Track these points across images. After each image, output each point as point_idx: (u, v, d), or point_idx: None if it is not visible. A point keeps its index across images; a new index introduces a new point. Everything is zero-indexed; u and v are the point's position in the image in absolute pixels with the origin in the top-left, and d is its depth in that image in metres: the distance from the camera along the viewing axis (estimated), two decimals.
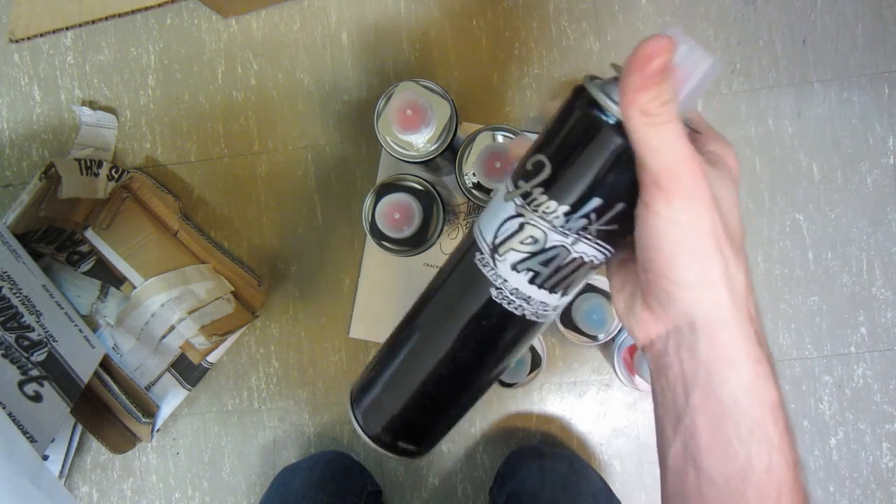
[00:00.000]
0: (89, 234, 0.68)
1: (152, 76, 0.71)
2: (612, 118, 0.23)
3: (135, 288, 0.65)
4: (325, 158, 0.70)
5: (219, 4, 0.67)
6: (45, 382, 0.55)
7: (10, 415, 0.49)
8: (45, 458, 0.67)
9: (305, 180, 0.70)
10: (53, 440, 0.67)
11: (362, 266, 0.69)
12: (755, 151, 0.66)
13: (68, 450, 0.69)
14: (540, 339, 0.63)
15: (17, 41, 0.59)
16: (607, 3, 0.67)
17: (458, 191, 0.55)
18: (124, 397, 0.64)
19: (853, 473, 0.66)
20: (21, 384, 0.53)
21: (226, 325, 0.65)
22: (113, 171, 0.67)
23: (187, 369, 0.69)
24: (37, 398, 0.54)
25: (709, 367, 0.24)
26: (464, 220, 0.67)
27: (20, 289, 0.57)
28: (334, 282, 0.70)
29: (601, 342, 0.61)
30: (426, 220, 0.55)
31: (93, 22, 0.58)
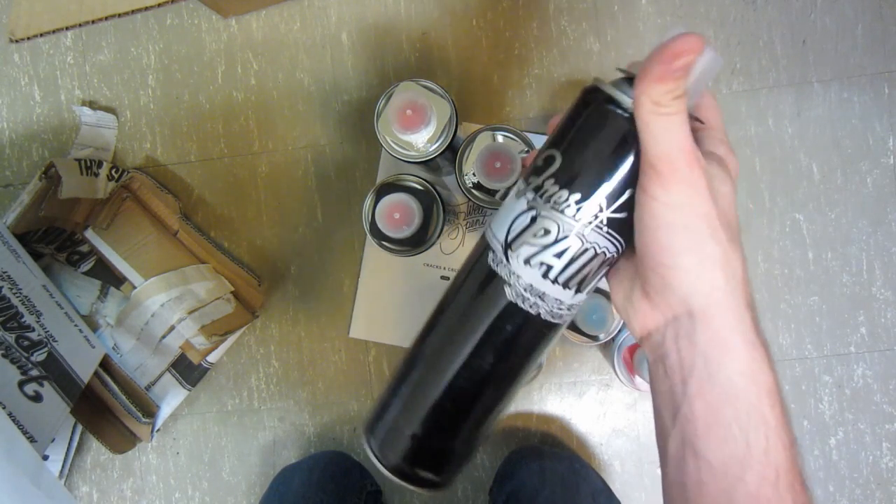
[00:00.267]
0: (89, 234, 0.68)
1: (152, 76, 0.71)
2: (623, 111, 0.24)
3: (135, 288, 0.65)
4: (325, 158, 0.70)
5: (219, 4, 0.67)
6: (45, 382, 0.55)
7: (10, 415, 0.49)
8: (45, 458, 0.67)
9: (305, 180, 0.70)
10: (53, 440, 0.67)
11: (362, 266, 0.69)
12: (755, 151, 0.66)
13: (68, 450, 0.69)
14: None
15: (17, 41, 0.59)
16: (607, 3, 0.67)
17: (458, 191, 0.55)
18: (124, 397, 0.64)
19: (853, 473, 0.66)
20: (21, 384, 0.53)
21: (226, 325, 0.65)
22: (113, 171, 0.67)
23: (187, 369, 0.69)
24: (37, 398, 0.54)
25: (706, 352, 0.24)
26: (464, 220, 0.67)
27: (20, 289, 0.57)
28: (334, 282, 0.70)
29: (601, 342, 0.61)
30: (426, 220, 0.55)
31: (93, 22, 0.58)
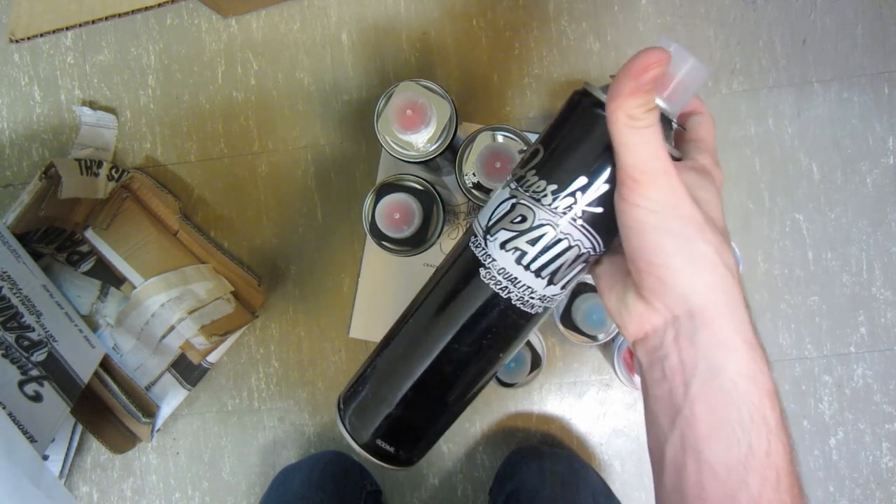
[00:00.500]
0: (89, 234, 0.68)
1: (152, 76, 0.71)
2: (604, 112, 0.26)
3: (135, 288, 0.65)
4: (325, 158, 0.70)
5: (219, 4, 0.67)
6: (45, 382, 0.55)
7: (10, 415, 0.49)
8: (45, 458, 0.67)
9: (305, 180, 0.70)
10: (53, 440, 0.67)
11: (362, 266, 0.69)
12: (755, 151, 0.66)
13: (68, 450, 0.69)
14: (540, 340, 0.63)
15: (17, 41, 0.59)
16: (607, 3, 0.67)
17: (458, 191, 0.55)
18: (124, 397, 0.64)
19: (853, 473, 0.66)
20: (21, 384, 0.53)
21: (226, 325, 0.65)
22: (113, 171, 0.67)
23: (187, 369, 0.69)
24: (37, 398, 0.54)
25: (708, 353, 0.24)
26: (464, 220, 0.67)
27: (20, 289, 0.57)
28: (334, 282, 0.70)
29: (601, 342, 0.61)
30: (426, 220, 0.55)
31: (93, 22, 0.58)
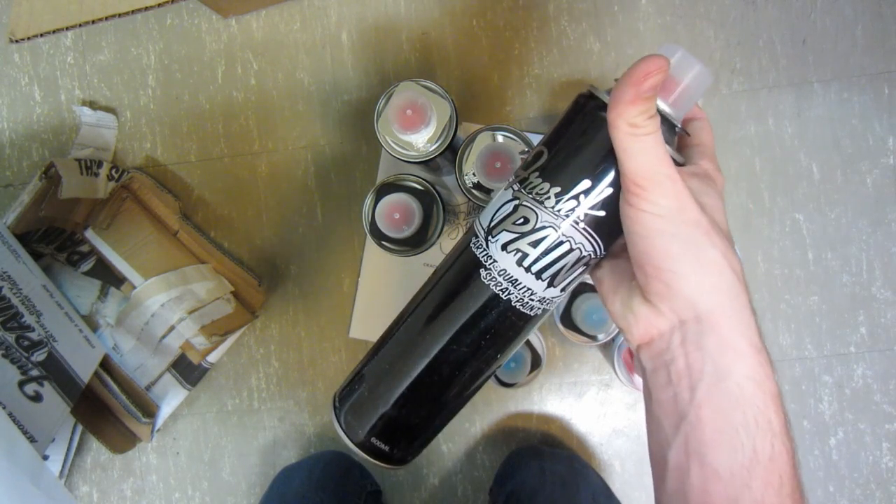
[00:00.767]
0: (89, 234, 0.68)
1: (152, 76, 0.71)
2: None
3: (135, 288, 0.65)
4: (325, 158, 0.70)
5: (219, 4, 0.67)
6: (45, 382, 0.55)
7: (10, 415, 0.49)
8: (45, 458, 0.67)
9: (305, 180, 0.70)
10: (53, 440, 0.67)
11: (362, 266, 0.69)
12: (755, 151, 0.66)
13: (68, 450, 0.69)
14: (540, 339, 0.63)
15: (17, 41, 0.59)
16: (607, 3, 0.67)
17: (458, 191, 0.55)
18: (124, 397, 0.64)
19: (853, 473, 0.66)
20: (21, 384, 0.53)
21: (226, 325, 0.65)
22: (113, 171, 0.67)
23: (187, 369, 0.69)
24: (37, 398, 0.54)
25: (715, 357, 0.24)
26: (464, 220, 0.67)
27: (20, 289, 0.57)
28: (334, 282, 0.70)
29: (601, 342, 0.61)
30: (426, 220, 0.55)
31: (93, 22, 0.58)
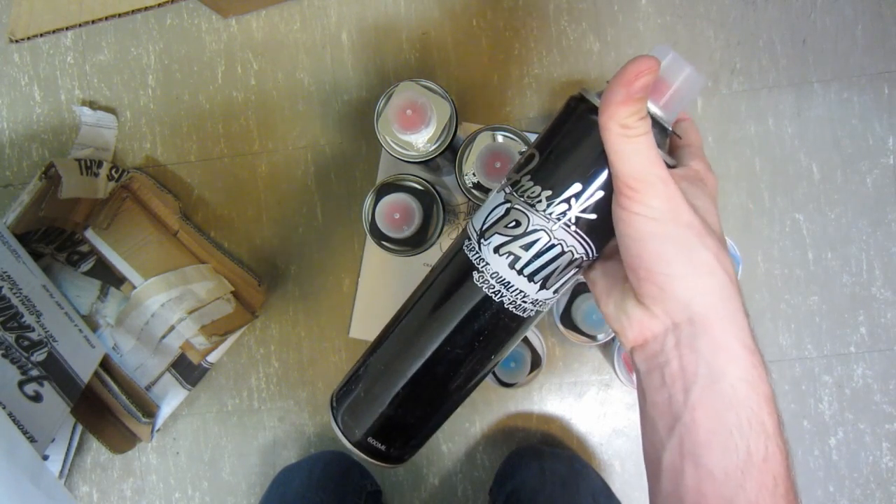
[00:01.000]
0: (89, 234, 0.68)
1: (152, 76, 0.71)
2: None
3: (135, 288, 0.65)
4: (325, 158, 0.70)
5: (219, 4, 0.67)
6: (45, 382, 0.55)
7: (10, 415, 0.49)
8: (45, 458, 0.67)
9: (305, 180, 0.70)
10: (53, 440, 0.67)
11: (362, 266, 0.69)
12: (755, 151, 0.66)
13: (68, 450, 0.69)
14: (540, 340, 0.63)
15: (17, 41, 0.59)
16: (607, 3, 0.67)
17: (458, 191, 0.55)
18: (124, 397, 0.64)
19: (853, 473, 0.66)
20: (21, 384, 0.53)
21: (226, 325, 0.65)
22: (113, 171, 0.67)
23: (187, 369, 0.69)
24: (37, 398, 0.54)
25: (709, 359, 0.24)
26: (464, 220, 0.67)
27: (20, 289, 0.57)
28: (334, 282, 0.70)
29: (601, 342, 0.61)
30: (426, 220, 0.55)
31: (93, 22, 0.58)
